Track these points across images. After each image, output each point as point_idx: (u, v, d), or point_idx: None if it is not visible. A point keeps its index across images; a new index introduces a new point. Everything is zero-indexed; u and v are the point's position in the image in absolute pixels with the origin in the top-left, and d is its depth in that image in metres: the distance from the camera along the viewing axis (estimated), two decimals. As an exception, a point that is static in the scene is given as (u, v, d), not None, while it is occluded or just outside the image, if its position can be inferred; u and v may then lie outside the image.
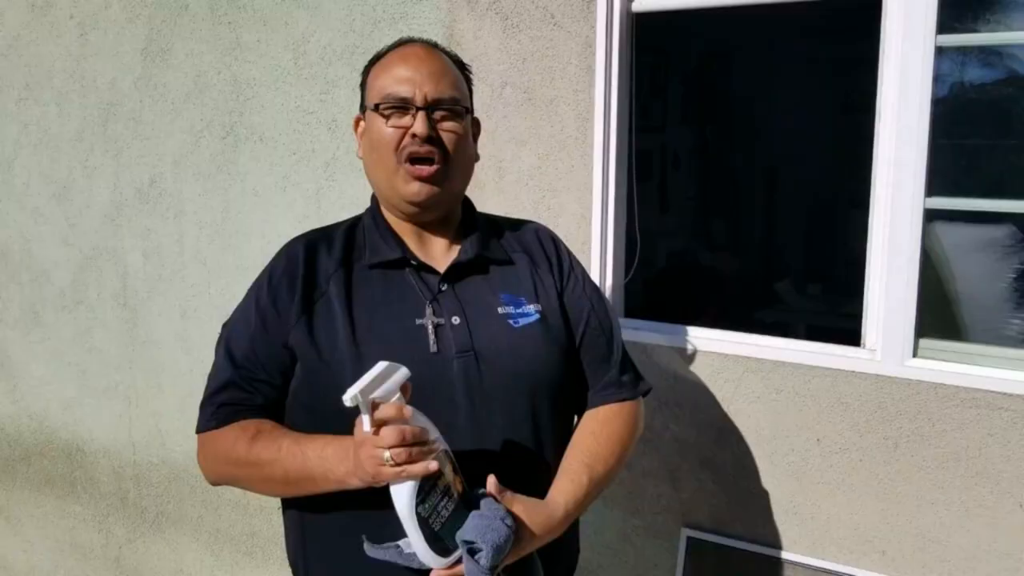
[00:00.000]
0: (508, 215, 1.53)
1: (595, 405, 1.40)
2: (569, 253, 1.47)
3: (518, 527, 1.17)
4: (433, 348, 1.26)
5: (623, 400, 1.41)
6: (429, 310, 1.29)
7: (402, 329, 1.27)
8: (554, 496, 1.27)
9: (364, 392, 1.06)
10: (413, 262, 1.32)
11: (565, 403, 1.37)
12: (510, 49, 2.07)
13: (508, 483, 1.23)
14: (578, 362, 1.40)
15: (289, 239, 1.39)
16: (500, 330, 1.30)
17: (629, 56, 2.03)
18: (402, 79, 1.29)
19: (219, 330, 1.39)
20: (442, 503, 1.12)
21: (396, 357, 1.12)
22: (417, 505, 1.09)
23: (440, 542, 1.12)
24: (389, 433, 1.08)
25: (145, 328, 2.75)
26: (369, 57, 1.40)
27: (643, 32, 2.04)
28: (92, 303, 2.84)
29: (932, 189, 1.75)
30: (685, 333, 1.99)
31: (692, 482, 2.01)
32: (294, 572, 1.40)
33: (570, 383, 1.37)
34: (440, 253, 1.36)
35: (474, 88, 1.42)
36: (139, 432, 2.83)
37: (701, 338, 1.97)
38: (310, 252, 1.34)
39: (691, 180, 4.99)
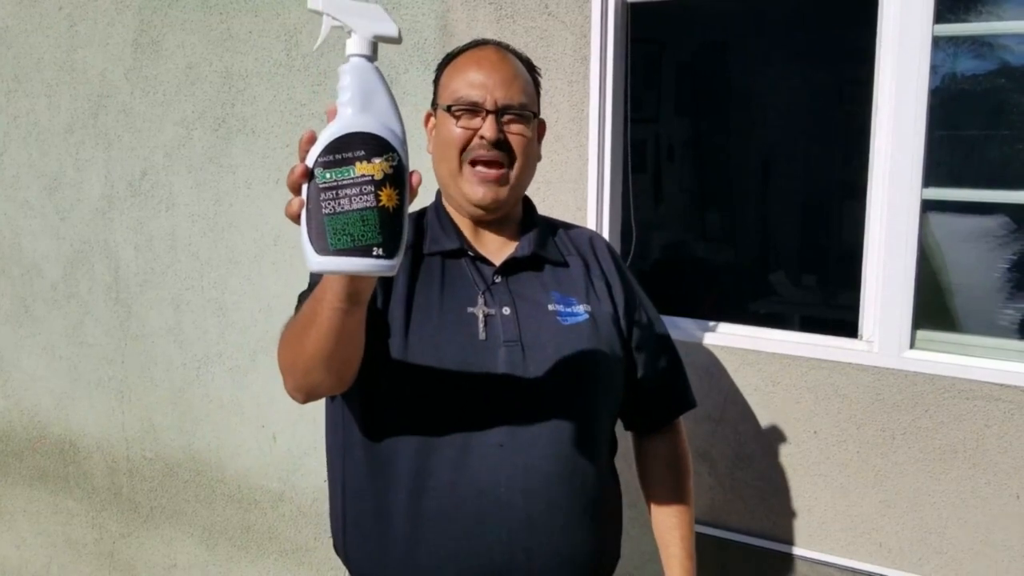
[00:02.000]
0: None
1: (660, 420, 1.52)
2: (623, 263, 1.52)
3: None
4: (482, 336, 1.28)
5: (686, 409, 1.55)
6: (481, 300, 1.31)
7: (454, 314, 1.30)
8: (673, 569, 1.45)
9: (332, 4, 0.93)
10: (470, 253, 1.36)
11: (609, 402, 1.40)
12: (503, 39, 2.04)
13: (539, 472, 1.27)
14: (627, 368, 1.43)
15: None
16: (548, 325, 1.32)
17: (624, 46, 2.01)
18: (474, 84, 1.32)
19: (214, 322, 1.37)
20: (352, 191, 0.90)
21: (445, 340, 1.19)
22: (316, 165, 0.90)
23: (321, 232, 0.90)
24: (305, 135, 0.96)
25: (137, 322, 2.73)
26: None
27: (637, 22, 2.03)
28: (84, 297, 2.82)
29: (928, 180, 1.75)
30: (681, 325, 1.98)
31: (688, 475, 2.01)
32: (335, 548, 1.42)
33: (615, 384, 1.40)
34: (496, 248, 1.39)
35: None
36: (132, 427, 2.82)
37: (697, 330, 1.96)
38: None
39: (686, 171, 4.98)
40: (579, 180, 2.01)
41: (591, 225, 2.01)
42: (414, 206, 1.44)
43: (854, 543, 1.85)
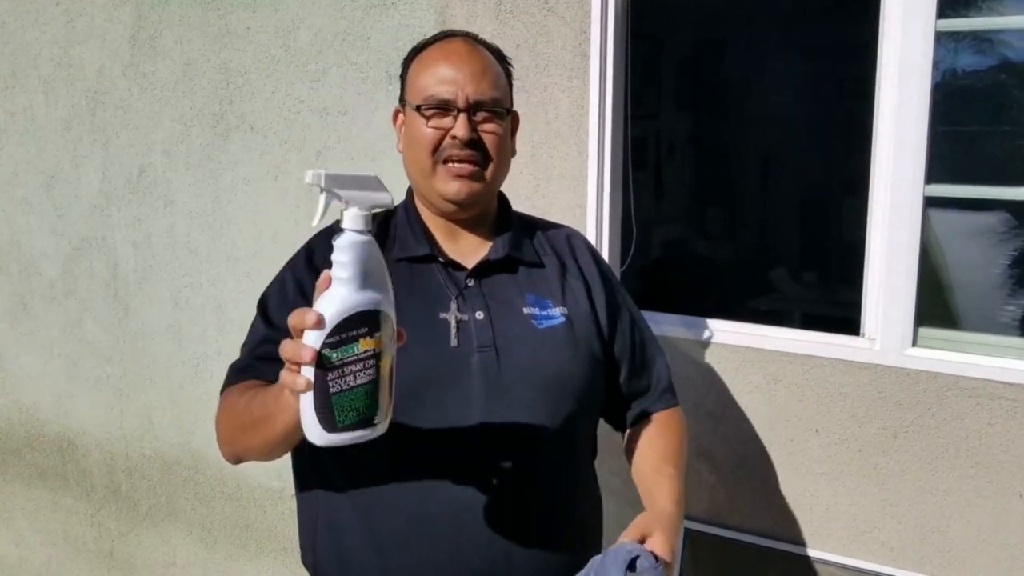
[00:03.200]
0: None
1: (649, 412, 1.43)
2: (604, 261, 1.48)
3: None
4: (454, 342, 1.25)
5: (673, 406, 1.47)
6: (454, 305, 1.28)
7: (424, 322, 1.26)
8: (657, 499, 1.28)
9: (331, 180, 0.91)
10: (440, 259, 1.32)
11: (587, 405, 1.36)
12: (503, 35, 2.04)
13: (524, 480, 1.24)
14: (608, 369, 1.40)
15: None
16: (522, 329, 1.29)
17: (624, 42, 2.00)
18: (444, 80, 1.28)
19: (213, 319, 1.37)
20: (357, 367, 0.93)
21: (415, 349, 1.10)
22: (324, 347, 0.91)
23: (329, 411, 0.93)
24: (293, 314, 0.95)
25: (136, 319, 2.72)
26: (359, 43, 1.38)
27: (636, 18, 2.01)
28: (82, 294, 2.81)
29: (930, 176, 1.74)
30: (682, 323, 1.97)
31: (690, 473, 1.99)
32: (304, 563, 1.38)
33: (593, 387, 1.36)
34: (471, 249, 1.35)
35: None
36: (131, 424, 2.81)
37: (698, 328, 1.95)
38: None
39: (686, 168, 4.97)
40: (579, 177, 2.00)
41: (591, 222, 2.00)
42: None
43: (856, 541, 1.84)
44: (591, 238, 2.01)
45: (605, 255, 2.03)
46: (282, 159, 2.38)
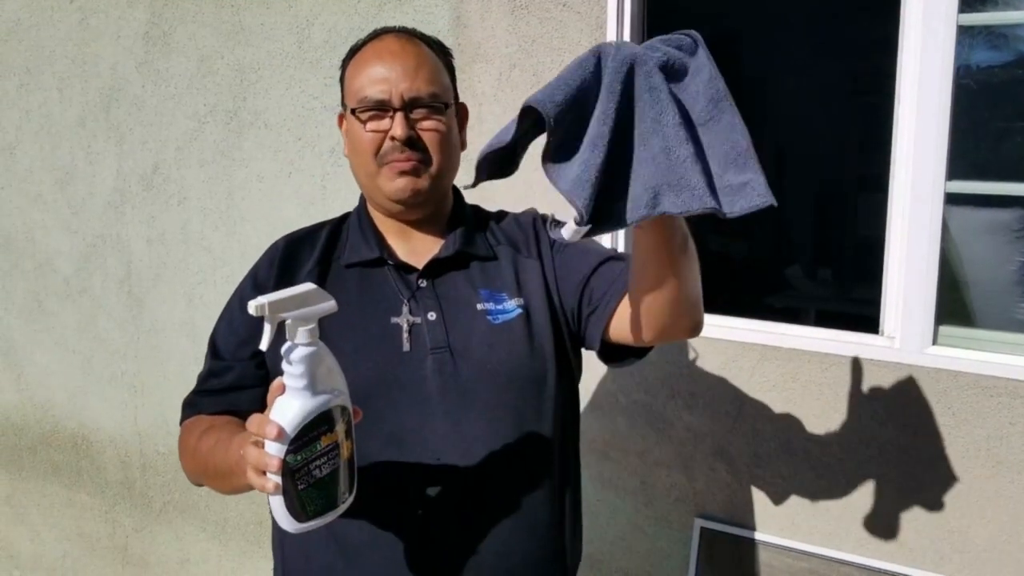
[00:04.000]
0: (517, 202, 1.49)
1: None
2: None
3: None
4: (406, 347, 1.22)
5: None
6: (406, 308, 1.25)
7: (376, 328, 1.23)
8: None
9: (274, 306, 0.93)
10: (391, 261, 1.28)
11: (550, 400, 1.30)
12: (518, 31, 2.02)
13: (489, 480, 1.20)
14: (572, 350, 1.32)
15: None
16: (477, 326, 1.25)
17: (640, 37, 1.98)
18: (377, 80, 1.24)
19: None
20: (320, 461, 0.97)
21: (363, 357, 1.08)
22: (288, 454, 0.94)
23: (300, 503, 0.97)
24: (251, 420, 0.98)
25: (150, 316, 2.72)
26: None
27: (651, 14, 2.00)
28: (96, 291, 2.82)
29: (951, 172, 1.72)
30: (698, 320, 1.95)
31: (706, 472, 1.98)
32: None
33: (556, 380, 1.30)
34: (424, 249, 1.31)
35: (481, 71, 1.38)
36: (145, 421, 2.81)
37: (715, 325, 1.93)
38: (292, 252, 1.32)
39: (700, 164, 4.94)
40: (595, 173, 1.99)
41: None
42: (350, 203, 1.40)
43: (874, 541, 1.83)
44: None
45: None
46: (296, 156, 2.38)
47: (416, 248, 1.32)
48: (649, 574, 2.08)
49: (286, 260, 1.31)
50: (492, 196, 2.13)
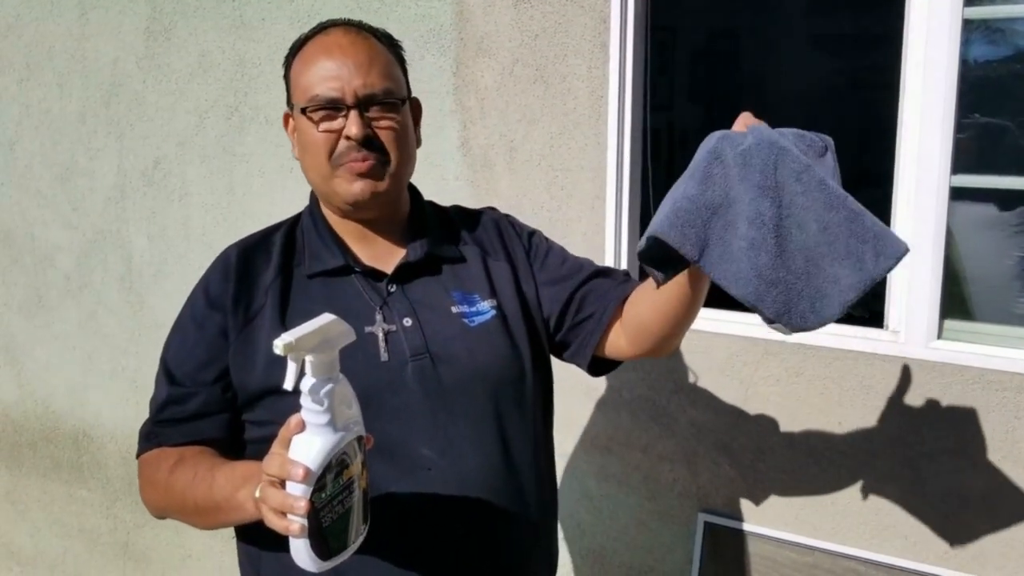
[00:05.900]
0: (519, 196, 1.49)
1: (623, 297, 1.31)
2: (522, 227, 1.40)
3: None
4: (384, 356, 1.18)
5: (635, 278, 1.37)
6: (379, 316, 1.21)
7: None
8: None
9: (301, 343, 0.89)
10: (357, 268, 1.24)
11: (531, 401, 1.29)
12: (522, 25, 2.02)
13: (475, 485, 1.19)
14: (548, 349, 1.34)
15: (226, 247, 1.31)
16: (455, 330, 1.23)
17: (644, 32, 1.98)
18: (327, 76, 1.19)
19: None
20: (341, 496, 0.95)
21: (343, 368, 1.06)
22: (312, 494, 0.92)
23: (323, 541, 0.95)
24: (269, 460, 0.94)
25: (151, 312, 2.72)
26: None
27: (655, 8, 1.99)
28: (97, 287, 2.81)
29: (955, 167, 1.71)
30: (701, 315, 1.94)
31: (709, 466, 1.98)
32: None
33: (535, 379, 1.30)
34: (387, 251, 1.27)
35: (485, 65, 1.36)
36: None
37: (719, 320, 1.93)
38: (246, 262, 1.26)
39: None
40: (598, 168, 1.98)
41: (611, 213, 1.98)
42: (281, 215, 1.37)
43: (878, 536, 1.83)
44: (610, 229, 1.99)
45: (623, 247, 2.01)
46: (297, 151, 2.37)
47: (379, 252, 1.27)
48: (652, 568, 2.08)
49: (242, 272, 1.25)
50: (492, 197, 2.13)
